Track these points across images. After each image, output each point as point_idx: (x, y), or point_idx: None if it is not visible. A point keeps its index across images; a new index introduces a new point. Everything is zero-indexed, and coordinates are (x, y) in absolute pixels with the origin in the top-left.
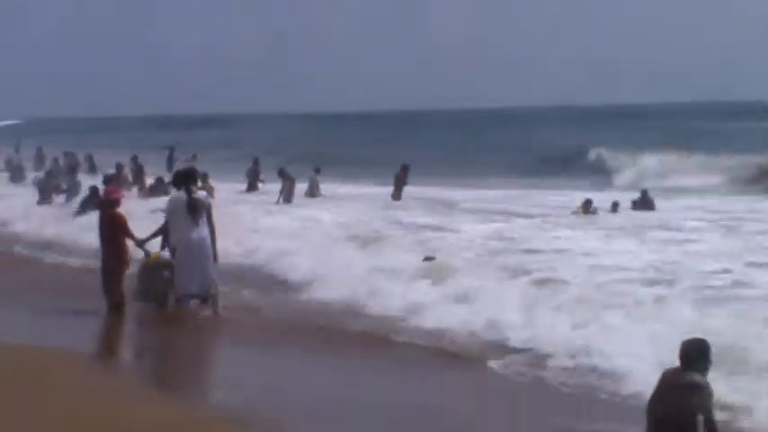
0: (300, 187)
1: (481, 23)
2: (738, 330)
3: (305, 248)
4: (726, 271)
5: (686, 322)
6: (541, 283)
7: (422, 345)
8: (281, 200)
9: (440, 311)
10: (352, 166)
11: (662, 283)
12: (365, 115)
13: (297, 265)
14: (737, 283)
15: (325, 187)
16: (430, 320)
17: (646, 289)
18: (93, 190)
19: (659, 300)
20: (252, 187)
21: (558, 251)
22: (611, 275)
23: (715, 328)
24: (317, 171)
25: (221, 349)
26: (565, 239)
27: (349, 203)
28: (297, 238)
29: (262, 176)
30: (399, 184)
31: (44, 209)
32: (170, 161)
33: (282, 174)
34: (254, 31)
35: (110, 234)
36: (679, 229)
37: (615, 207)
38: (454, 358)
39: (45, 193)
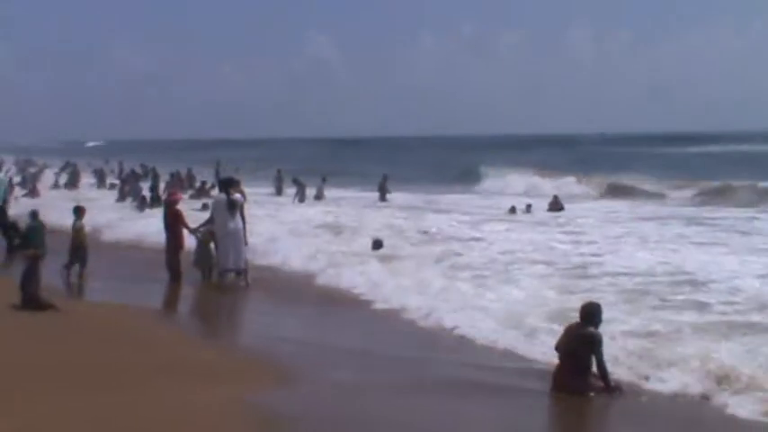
0: (311, 192)
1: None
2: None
3: (290, 236)
4: (595, 254)
5: (531, 290)
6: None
7: (362, 304)
8: (295, 200)
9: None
10: (351, 176)
11: (540, 263)
12: (359, 139)
13: (278, 249)
14: (599, 264)
15: (329, 192)
16: (362, 288)
17: (522, 265)
18: (153, 191)
19: (524, 272)
20: (279, 192)
21: (476, 239)
22: (505, 257)
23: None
24: (324, 180)
25: (250, 309)
26: (489, 231)
27: (344, 204)
28: (290, 227)
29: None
30: (382, 190)
31: (120, 205)
32: (217, 172)
33: (296, 181)
34: (273, 74)
35: (171, 224)
36: (574, 224)
37: (529, 208)
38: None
39: (121, 194)
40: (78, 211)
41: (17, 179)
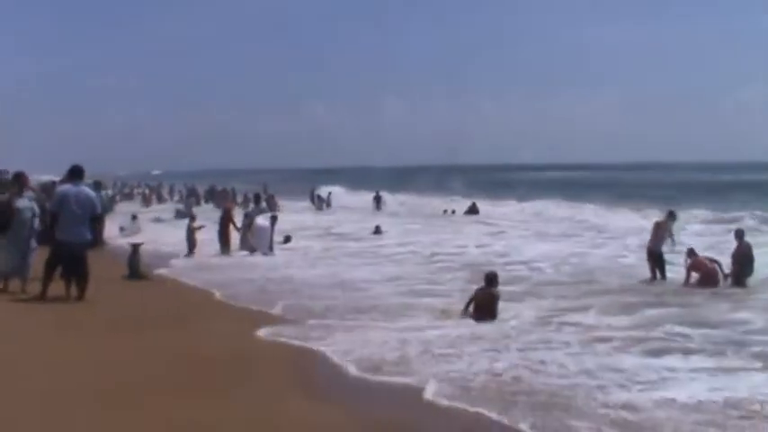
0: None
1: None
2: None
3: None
4: (483, 245)
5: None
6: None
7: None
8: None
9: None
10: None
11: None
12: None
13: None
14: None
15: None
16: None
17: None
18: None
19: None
20: (378, 206)
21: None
22: (406, 248)
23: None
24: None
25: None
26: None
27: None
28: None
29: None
30: (378, 202)
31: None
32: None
33: (318, 196)
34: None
35: (223, 226)
36: (487, 224)
37: (452, 212)
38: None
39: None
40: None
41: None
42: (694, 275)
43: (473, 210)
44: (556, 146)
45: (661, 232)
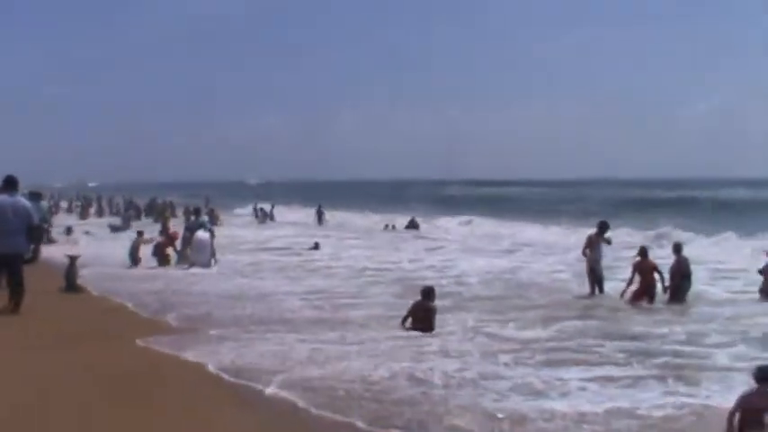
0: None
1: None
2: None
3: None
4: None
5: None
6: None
7: None
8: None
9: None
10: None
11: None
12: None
13: None
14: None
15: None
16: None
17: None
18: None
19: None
20: (320, 220)
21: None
22: (339, 262)
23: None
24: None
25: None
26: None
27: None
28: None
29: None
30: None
31: None
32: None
33: (260, 210)
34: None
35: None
36: (427, 239)
37: (393, 227)
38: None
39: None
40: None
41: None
42: (636, 281)
43: (413, 224)
44: (502, 160)
45: (595, 245)
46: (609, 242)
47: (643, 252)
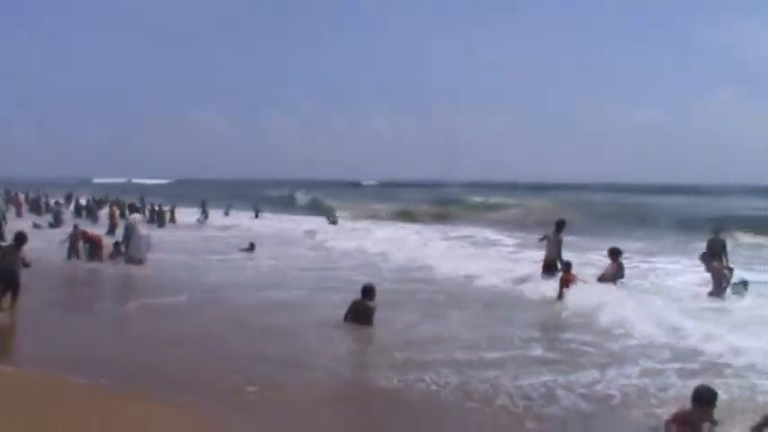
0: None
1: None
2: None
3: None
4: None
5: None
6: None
7: None
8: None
9: None
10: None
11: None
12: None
13: None
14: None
15: None
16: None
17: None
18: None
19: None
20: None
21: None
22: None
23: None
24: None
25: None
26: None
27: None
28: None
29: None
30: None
31: None
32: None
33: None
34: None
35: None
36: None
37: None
38: None
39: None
40: None
41: None
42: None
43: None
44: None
45: (551, 245)
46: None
47: (614, 253)
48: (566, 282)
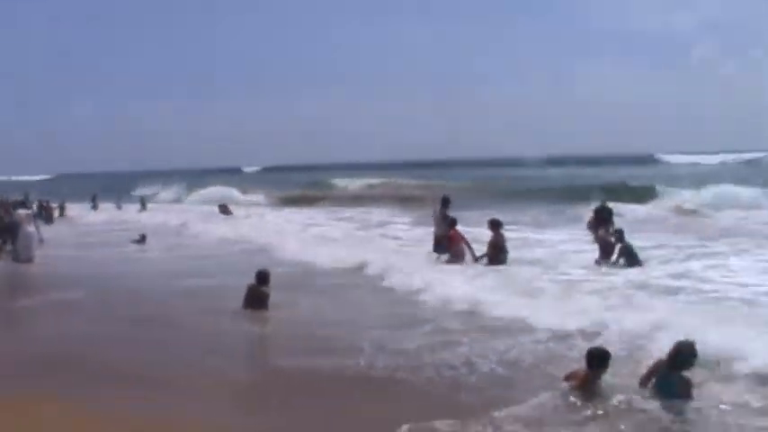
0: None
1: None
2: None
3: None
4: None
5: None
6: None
7: None
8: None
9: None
10: None
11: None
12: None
13: None
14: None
15: None
16: None
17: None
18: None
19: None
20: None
21: None
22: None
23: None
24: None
25: None
26: None
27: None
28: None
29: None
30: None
31: None
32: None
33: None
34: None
35: None
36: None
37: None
38: None
39: None
40: None
41: None
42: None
43: (225, 210)
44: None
45: (438, 220)
46: (446, 216)
47: (495, 224)
48: (451, 240)
